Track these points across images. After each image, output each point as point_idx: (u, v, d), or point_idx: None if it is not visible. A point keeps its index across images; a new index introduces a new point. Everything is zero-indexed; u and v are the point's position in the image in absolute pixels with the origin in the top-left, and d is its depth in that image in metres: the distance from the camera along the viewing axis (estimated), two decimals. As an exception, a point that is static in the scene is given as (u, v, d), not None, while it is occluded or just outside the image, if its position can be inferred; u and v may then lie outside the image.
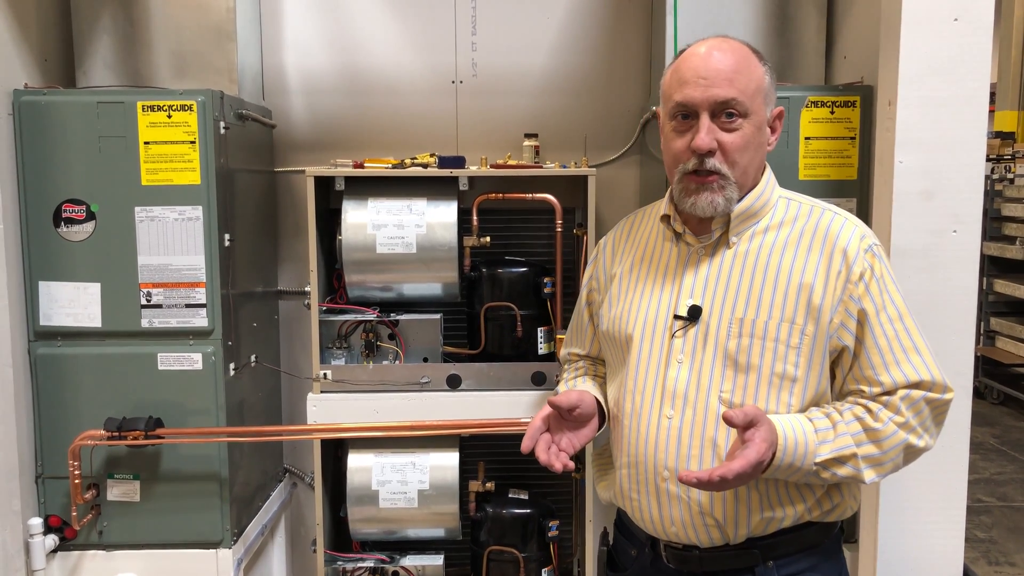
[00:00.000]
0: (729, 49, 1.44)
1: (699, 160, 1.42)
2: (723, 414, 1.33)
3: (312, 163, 2.59)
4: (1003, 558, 3.95)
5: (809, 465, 1.38)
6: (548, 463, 1.46)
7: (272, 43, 2.63)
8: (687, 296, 1.48)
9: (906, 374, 1.42)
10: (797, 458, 1.37)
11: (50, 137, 2.09)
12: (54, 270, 2.12)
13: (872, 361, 1.43)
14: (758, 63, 1.46)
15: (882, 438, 1.40)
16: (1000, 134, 8.04)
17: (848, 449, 1.39)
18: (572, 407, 1.50)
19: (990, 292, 6.19)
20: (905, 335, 1.43)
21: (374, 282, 2.37)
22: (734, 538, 1.46)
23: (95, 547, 2.19)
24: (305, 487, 2.77)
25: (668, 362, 1.47)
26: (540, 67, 2.66)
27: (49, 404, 2.15)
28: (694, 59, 1.44)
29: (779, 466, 1.37)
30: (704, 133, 1.41)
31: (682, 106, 1.43)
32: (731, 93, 1.40)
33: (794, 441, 1.37)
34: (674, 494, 1.46)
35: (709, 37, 1.47)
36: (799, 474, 1.39)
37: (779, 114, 1.51)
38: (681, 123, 1.45)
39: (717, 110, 1.41)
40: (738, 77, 1.41)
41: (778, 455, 1.36)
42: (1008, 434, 5.72)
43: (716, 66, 1.41)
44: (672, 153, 1.47)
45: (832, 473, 1.40)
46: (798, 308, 1.43)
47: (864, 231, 1.48)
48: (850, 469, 1.40)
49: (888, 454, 1.41)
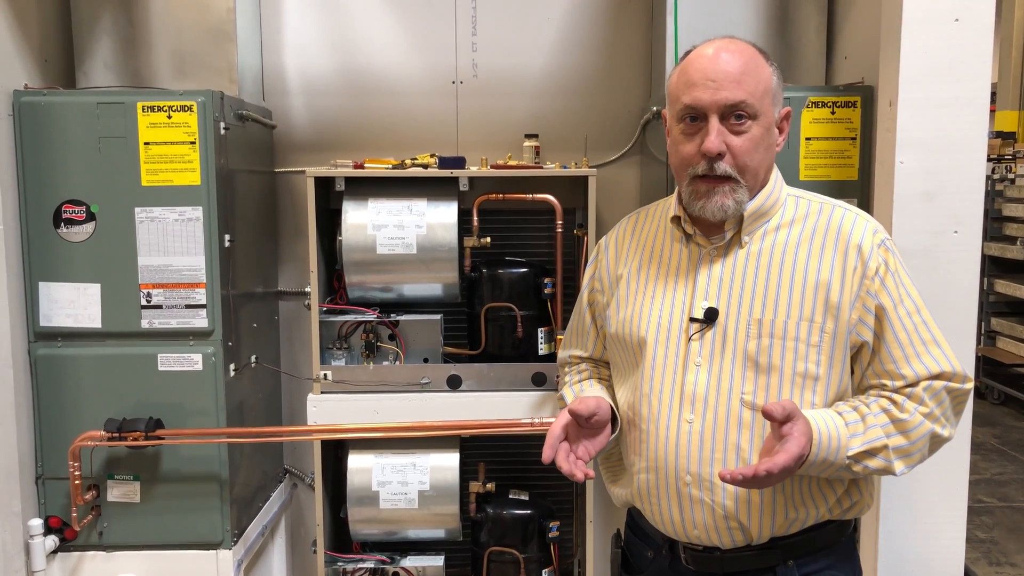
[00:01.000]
0: (737, 50, 1.43)
1: (709, 164, 1.41)
2: (763, 408, 1.30)
3: (312, 164, 2.59)
4: (1004, 559, 3.94)
5: (842, 459, 1.38)
6: (570, 473, 1.43)
7: (272, 43, 2.63)
8: (702, 298, 1.47)
9: (927, 366, 1.42)
10: (831, 452, 1.37)
11: (50, 138, 2.09)
12: (54, 271, 2.12)
13: (893, 355, 1.43)
14: (765, 64, 1.45)
15: (909, 428, 1.40)
16: (1001, 134, 8.03)
17: (879, 441, 1.39)
18: (591, 414, 1.47)
19: (991, 292, 6.19)
20: (924, 328, 1.44)
21: (374, 283, 2.37)
22: (757, 539, 1.45)
23: (95, 548, 2.19)
24: (305, 488, 2.77)
25: (686, 366, 1.46)
26: (540, 67, 2.66)
27: (49, 405, 2.15)
28: (702, 61, 1.42)
29: (814, 461, 1.36)
30: (714, 136, 1.39)
31: (691, 108, 1.42)
32: (740, 95, 1.39)
33: (827, 435, 1.36)
34: (697, 498, 1.44)
35: (716, 38, 1.46)
36: (831, 469, 1.39)
37: (786, 115, 1.50)
38: (689, 126, 1.43)
39: (726, 112, 1.40)
40: (746, 79, 1.40)
41: (813, 450, 1.35)
42: (1009, 434, 5.72)
43: (724, 68, 1.40)
44: (681, 156, 1.46)
45: (864, 466, 1.40)
46: (816, 306, 1.42)
47: (875, 226, 1.48)
48: (881, 461, 1.40)
49: (916, 444, 1.41)
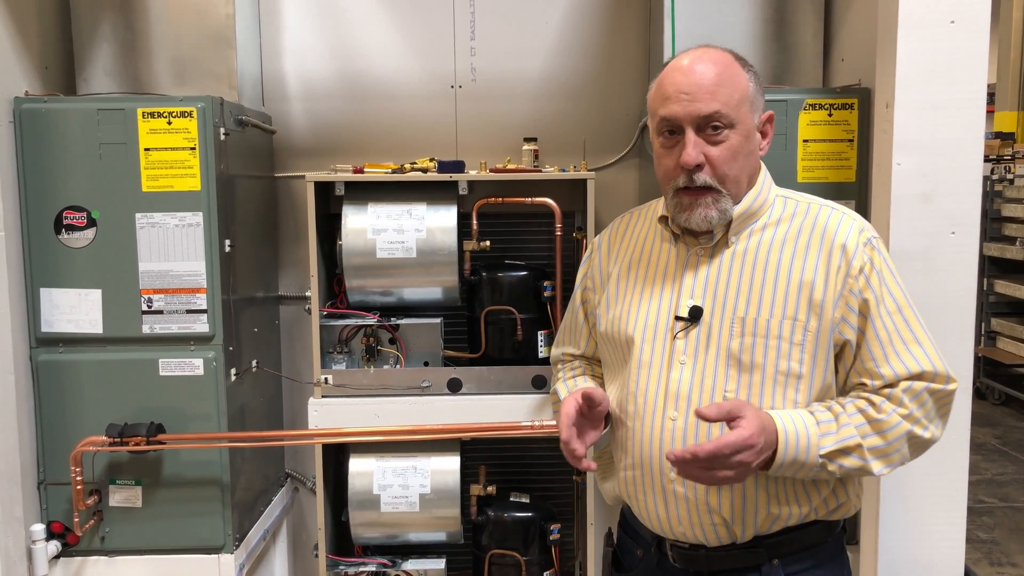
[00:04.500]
0: (710, 60, 1.44)
1: (688, 176, 1.43)
2: (695, 411, 1.32)
3: (312, 168, 2.59)
4: (1005, 559, 3.94)
5: (814, 459, 1.38)
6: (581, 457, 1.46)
7: (272, 49, 2.64)
8: (687, 297, 1.49)
9: (907, 366, 1.42)
10: (800, 451, 1.37)
11: (51, 144, 2.10)
12: (55, 277, 2.13)
13: (873, 354, 1.43)
14: (741, 70, 1.46)
15: (886, 428, 1.40)
16: (1000, 134, 8.05)
17: (852, 440, 1.39)
18: (601, 400, 1.49)
19: (991, 293, 6.18)
20: (905, 327, 1.43)
21: (374, 287, 2.37)
22: (741, 537, 1.46)
23: (97, 553, 2.19)
24: (307, 492, 2.77)
25: (671, 364, 1.48)
26: (539, 71, 2.67)
27: (51, 410, 2.15)
28: (675, 74, 1.44)
29: (783, 462, 1.37)
30: (691, 148, 1.41)
31: (667, 122, 1.44)
32: (714, 107, 1.40)
33: (795, 434, 1.37)
34: (680, 494, 1.46)
35: (692, 48, 1.48)
36: (805, 469, 1.39)
37: (768, 118, 1.51)
38: (668, 139, 1.46)
39: (702, 124, 1.41)
40: (720, 89, 1.41)
41: (780, 449, 1.36)
42: (1009, 435, 5.71)
43: (697, 81, 1.41)
44: (663, 170, 1.48)
45: (839, 465, 1.40)
46: (800, 305, 1.43)
47: (862, 225, 1.48)
48: (856, 460, 1.40)
49: (893, 444, 1.41)
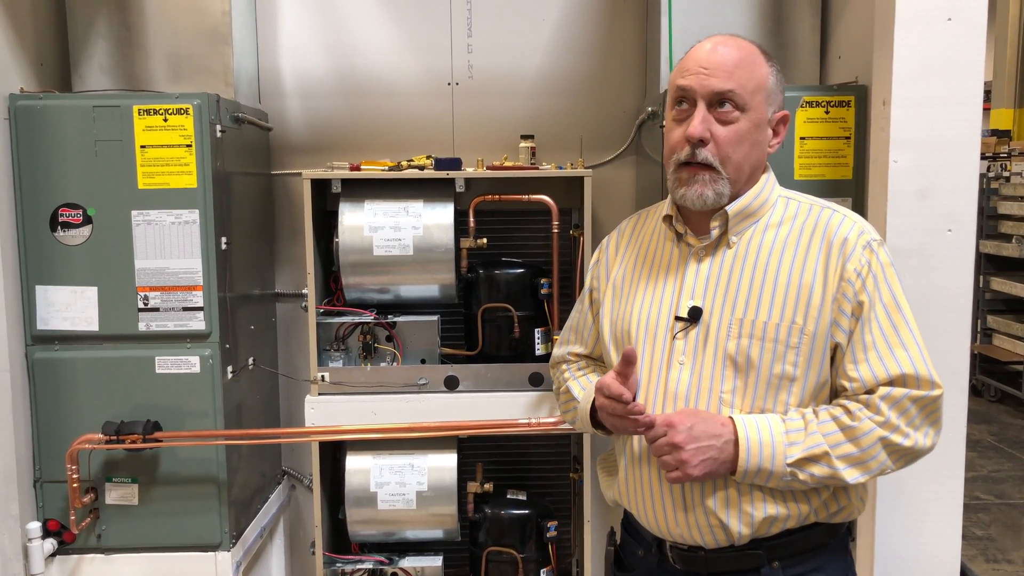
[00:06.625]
0: (734, 45, 1.45)
1: (691, 150, 1.43)
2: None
3: (309, 166, 2.59)
4: (1001, 555, 3.95)
5: (781, 467, 1.37)
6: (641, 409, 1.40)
7: (268, 46, 2.63)
8: (688, 297, 1.48)
9: (887, 369, 1.39)
10: (765, 459, 1.36)
11: (46, 141, 2.09)
12: (51, 274, 2.12)
13: (855, 356, 1.41)
14: (764, 62, 1.46)
15: (859, 435, 1.38)
16: (996, 132, 8.05)
17: (819, 448, 1.37)
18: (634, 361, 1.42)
19: (987, 290, 6.19)
20: (892, 330, 1.41)
21: (371, 284, 2.37)
22: (738, 539, 1.45)
23: (94, 551, 2.19)
24: (304, 489, 2.77)
25: (670, 364, 1.47)
26: (536, 68, 2.67)
27: (47, 408, 2.15)
28: (699, 52, 1.46)
29: (747, 468, 1.37)
30: (698, 122, 1.41)
31: (681, 91, 1.45)
32: (729, 85, 1.41)
33: (758, 442, 1.37)
34: (678, 496, 1.46)
35: (719, 35, 1.49)
36: (775, 478, 1.38)
37: (783, 118, 1.50)
38: (679, 111, 1.46)
39: (714, 101, 1.42)
40: (738, 72, 1.42)
41: (742, 456, 1.36)
42: (1006, 432, 5.73)
43: (718, 59, 1.43)
44: (669, 144, 1.48)
45: (809, 474, 1.38)
46: (798, 307, 1.42)
47: (863, 227, 1.47)
48: (825, 468, 1.38)
49: (868, 452, 1.38)
